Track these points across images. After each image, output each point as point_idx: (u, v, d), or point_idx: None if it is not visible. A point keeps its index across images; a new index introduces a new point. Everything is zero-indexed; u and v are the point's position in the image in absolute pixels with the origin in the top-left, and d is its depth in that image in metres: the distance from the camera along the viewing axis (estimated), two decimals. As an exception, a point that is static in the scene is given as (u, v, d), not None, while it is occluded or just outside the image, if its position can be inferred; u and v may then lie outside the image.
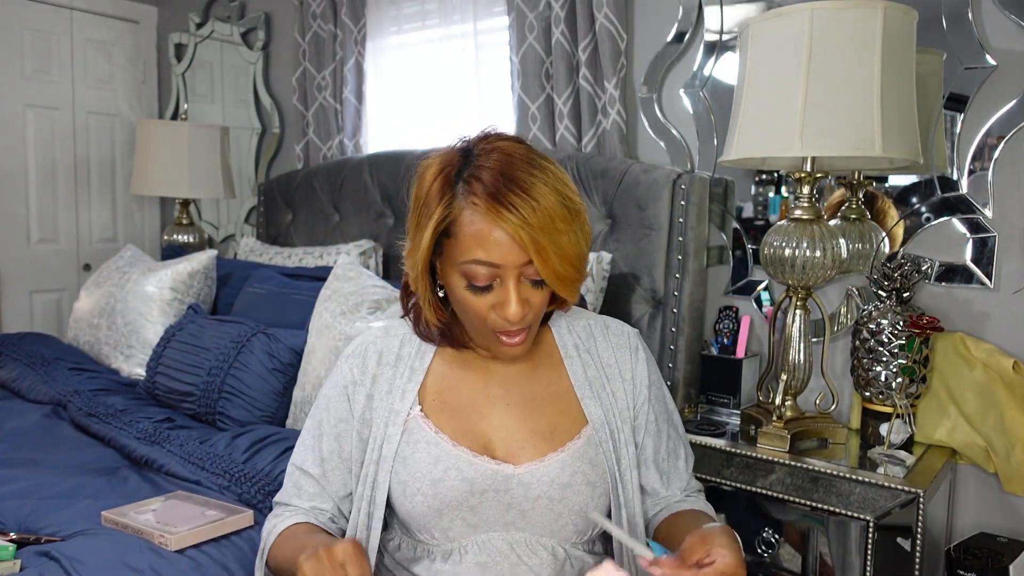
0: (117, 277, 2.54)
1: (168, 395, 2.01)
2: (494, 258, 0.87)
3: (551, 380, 1.03)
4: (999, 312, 1.63)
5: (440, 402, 1.01)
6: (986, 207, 1.62)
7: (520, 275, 0.89)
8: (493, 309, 0.91)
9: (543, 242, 0.85)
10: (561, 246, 0.87)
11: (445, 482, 0.96)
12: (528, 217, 0.85)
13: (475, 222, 0.87)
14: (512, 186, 0.86)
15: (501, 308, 0.90)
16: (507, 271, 0.88)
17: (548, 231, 0.85)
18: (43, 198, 3.35)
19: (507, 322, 0.91)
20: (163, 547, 1.26)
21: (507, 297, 0.89)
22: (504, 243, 0.86)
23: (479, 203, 0.86)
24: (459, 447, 0.97)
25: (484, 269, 0.88)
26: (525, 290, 0.91)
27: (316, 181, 2.68)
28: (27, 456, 1.70)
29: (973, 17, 1.61)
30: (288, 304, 2.21)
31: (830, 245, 1.53)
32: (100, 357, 2.44)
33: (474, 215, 0.87)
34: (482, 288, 0.90)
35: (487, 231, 0.86)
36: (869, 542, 1.42)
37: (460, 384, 1.03)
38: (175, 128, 2.96)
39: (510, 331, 0.93)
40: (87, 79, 3.45)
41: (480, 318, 0.93)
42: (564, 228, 0.87)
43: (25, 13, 3.24)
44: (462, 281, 0.91)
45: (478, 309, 0.92)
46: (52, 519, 1.38)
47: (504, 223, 0.85)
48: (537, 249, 0.85)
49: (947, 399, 1.61)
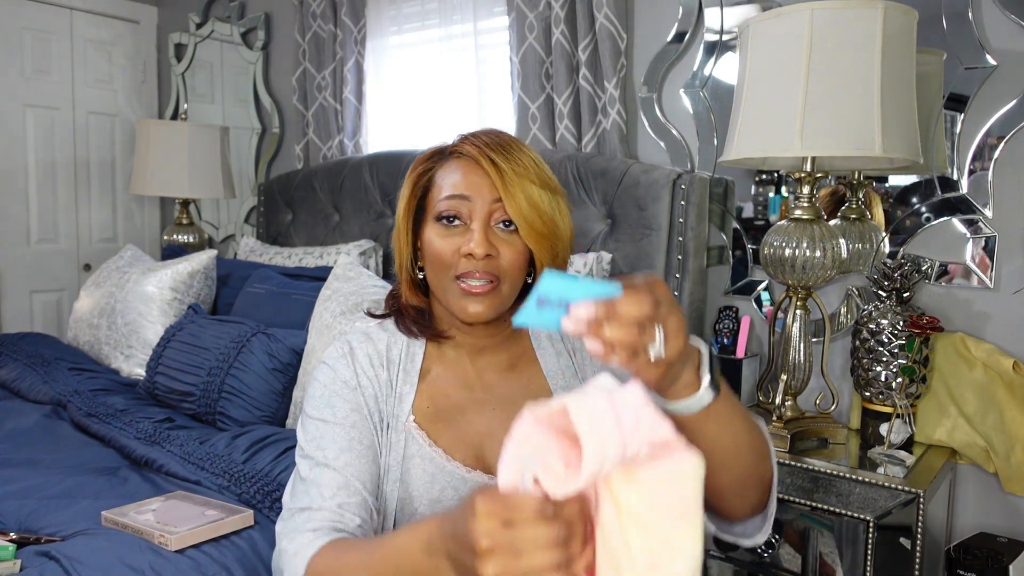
0: (117, 277, 2.54)
1: (168, 395, 2.01)
2: (462, 189, 0.93)
3: (529, 380, 1.02)
4: (999, 312, 1.63)
5: (433, 409, 0.99)
6: (986, 207, 1.62)
7: (490, 216, 0.93)
8: (460, 253, 0.92)
9: (514, 185, 0.91)
10: (531, 195, 0.92)
11: (442, 502, 0.94)
12: (502, 164, 0.92)
13: (453, 170, 0.95)
14: (494, 144, 0.94)
15: (466, 245, 0.92)
16: (476, 206, 0.92)
17: (521, 178, 0.92)
18: (43, 198, 3.35)
19: (470, 259, 0.91)
20: (163, 547, 1.26)
21: (472, 234, 0.92)
22: (476, 180, 0.93)
23: (460, 154, 0.95)
24: (453, 461, 0.95)
25: (454, 203, 0.93)
26: (494, 236, 0.93)
27: (316, 181, 2.68)
28: (27, 456, 1.70)
29: (973, 17, 1.61)
30: (288, 304, 2.21)
31: (830, 245, 1.53)
32: (100, 357, 2.44)
33: (452, 165, 0.96)
34: (450, 222, 0.94)
35: (463, 173, 0.94)
36: (869, 542, 1.42)
37: (449, 387, 1.00)
38: (175, 128, 2.96)
39: (473, 274, 0.92)
40: (87, 79, 3.45)
41: (447, 264, 0.93)
42: (538, 186, 0.93)
43: (25, 13, 3.24)
44: (434, 228, 0.95)
45: (446, 254, 0.93)
46: (52, 519, 1.38)
47: (479, 164, 0.93)
48: (505, 184, 0.91)
49: (947, 399, 1.61)
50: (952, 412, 1.60)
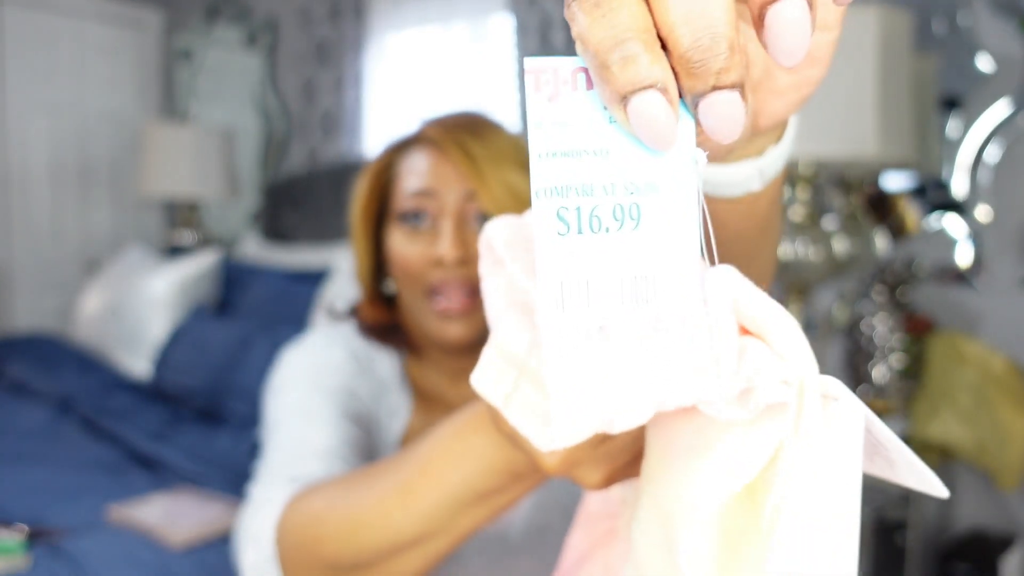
0: (124, 277, 2.57)
1: (174, 393, 2.04)
2: (428, 182, 0.75)
3: None
4: (992, 312, 1.64)
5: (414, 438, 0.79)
6: (979, 208, 1.64)
7: (461, 211, 0.75)
8: (429, 260, 0.75)
9: (489, 173, 0.73)
10: (511, 183, 0.74)
11: None
12: (474, 148, 0.74)
13: (416, 159, 0.78)
14: (463, 126, 0.77)
15: (435, 249, 0.74)
16: (445, 201, 0.75)
17: (497, 164, 0.74)
18: (51, 199, 3.38)
19: (439, 263, 0.73)
20: (168, 543, 1.29)
21: (441, 235, 0.74)
22: (444, 170, 0.75)
23: (422, 140, 0.78)
24: None
25: (419, 199, 0.75)
26: (467, 233, 0.75)
27: (320, 182, 2.71)
28: (35, 453, 1.73)
29: (967, 19, 1.63)
30: (292, 304, 2.24)
31: (825, 245, 1.55)
32: (107, 356, 2.47)
33: (415, 154, 0.78)
34: (415, 221, 0.76)
35: (427, 162, 0.76)
36: (863, 539, 1.43)
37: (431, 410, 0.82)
38: (181, 130, 2.99)
39: (447, 289, 0.74)
40: (94, 82, 3.48)
41: (414, 275, 0.76)
42: (518, 171, 0.75)
43: (33, 17, 3.28)
44: (398, 231, 0.77)
45: (412, 262, 0.75)
46: (59, 515, 1.40)
47: (447, 151, 0.75)
48: (479, 172, 0.73)
49: (941, 398, 1.62)
50: (945, 411, 1.62)
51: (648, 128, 0.24)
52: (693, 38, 0.23)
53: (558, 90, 0.26)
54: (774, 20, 0.24)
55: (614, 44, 0.24)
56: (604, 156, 0.26)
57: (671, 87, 0.24)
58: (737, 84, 0.24)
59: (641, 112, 0.24)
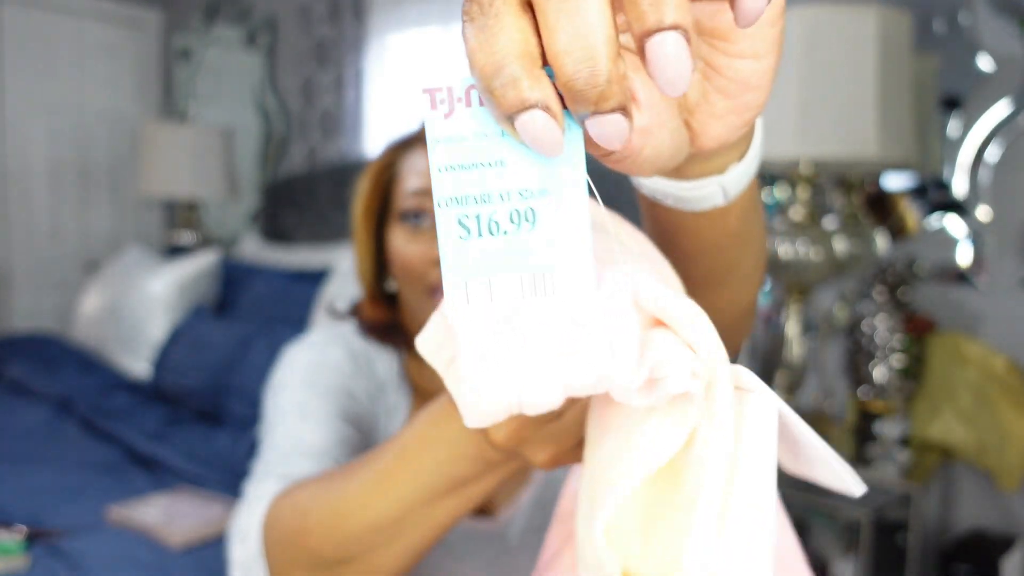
0: (122, 277, 2.57)
1: (173, 393, 2.04)
2: (430, 182, 0.74)
3: None
4: (993, 312, 1.64)
5: None
6: (979, 208, 1.64)
7: None
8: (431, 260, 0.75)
9: None
10: None
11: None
12: None
13: (417, 158, 0.79)
14: None
15: (436, 247, 0.72)
16: None
17: None
18: (50, 199, 3.38)
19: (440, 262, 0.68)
20: (167, 543, 1.29)
21: None
22: None
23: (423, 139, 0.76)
24: None
25: (421, 199, 0.76)
26: None
27: (320, 182, 2.71)
28: (34, 453, 1.73)
29: (968, 19, 1.63)
30: (292, 304, 2.24)
31: (826, 245, 1.55)
32: (106, 356, 2.47)
33: (418, 151, 0.79)
34: (417, 220, 0.76)
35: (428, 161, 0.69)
36: (863, 539, 1.43)
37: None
38: (180, 130, 2.99)
39: None
40: (93, 81, 3.48)
41: (416, 275, 0.76)
42: None
43: (32, 16, 3.28)
44: (400, 230, 0.78)
45: (414, 262, 0.75)
46: (58, 515, 1.40)
47: None
48: None
49: (941, 398, 1.62)
50: (946, 411, 1.62)
51: (535, 141, 0.26)
52: (573, 69, 0.25)
53: (453, 107, 0.28)
54: (651, 53, 0.25)
55: (495, 70, 0.26)
56: (500, 166, 0.28)
57: (552, 104, 0.26)
58: (616, 109, 0.25)
59: (527, 129, 0.26)
